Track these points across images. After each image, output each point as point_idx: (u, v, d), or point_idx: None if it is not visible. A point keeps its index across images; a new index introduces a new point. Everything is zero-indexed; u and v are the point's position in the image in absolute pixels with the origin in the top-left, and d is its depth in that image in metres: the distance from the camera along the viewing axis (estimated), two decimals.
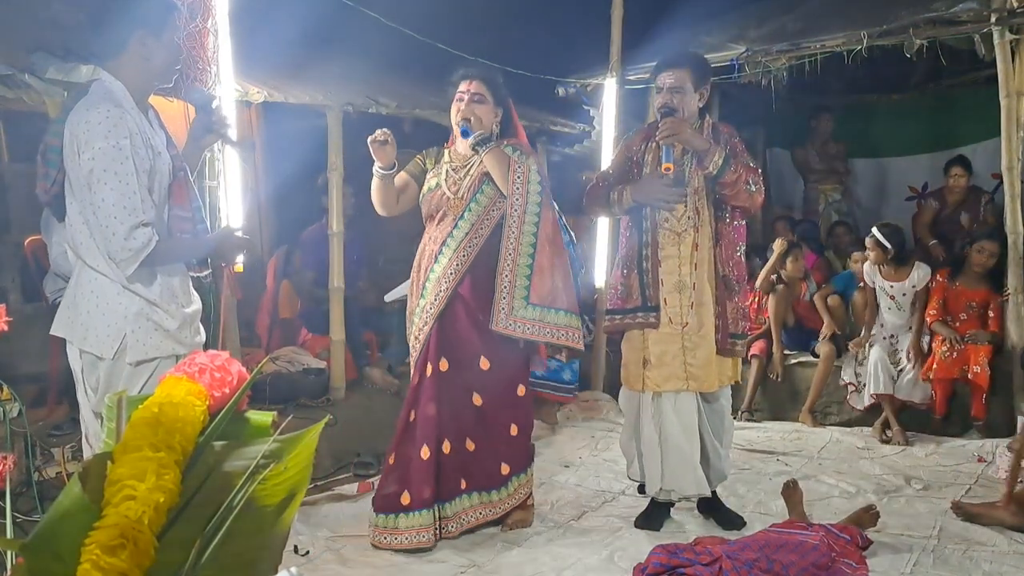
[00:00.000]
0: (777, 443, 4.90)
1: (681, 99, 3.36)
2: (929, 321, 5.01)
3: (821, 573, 2.77)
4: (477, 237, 3.34)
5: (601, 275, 5.70)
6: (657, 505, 3.54)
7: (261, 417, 1.36)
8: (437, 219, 3.41)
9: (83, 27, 2.58)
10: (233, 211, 3.95)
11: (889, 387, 4.98)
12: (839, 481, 4.07)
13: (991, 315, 4.92)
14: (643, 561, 2.77)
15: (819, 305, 5.55)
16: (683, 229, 3.41)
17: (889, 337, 5.19)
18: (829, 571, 2.80)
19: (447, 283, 3.33)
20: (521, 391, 3.47)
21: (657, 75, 3.44)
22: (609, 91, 5.67)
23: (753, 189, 3.35)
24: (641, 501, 3.70)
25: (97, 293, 2.35)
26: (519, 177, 3.29)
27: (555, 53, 5.86)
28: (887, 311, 5.22)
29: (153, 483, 1.13)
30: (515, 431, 3.45)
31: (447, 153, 3.49)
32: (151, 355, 2.37)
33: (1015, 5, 4.58)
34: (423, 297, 3.39)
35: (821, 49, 5.10)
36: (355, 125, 5.13)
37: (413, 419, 3.37)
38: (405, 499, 3.30)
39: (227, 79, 3.83)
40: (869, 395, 5.06)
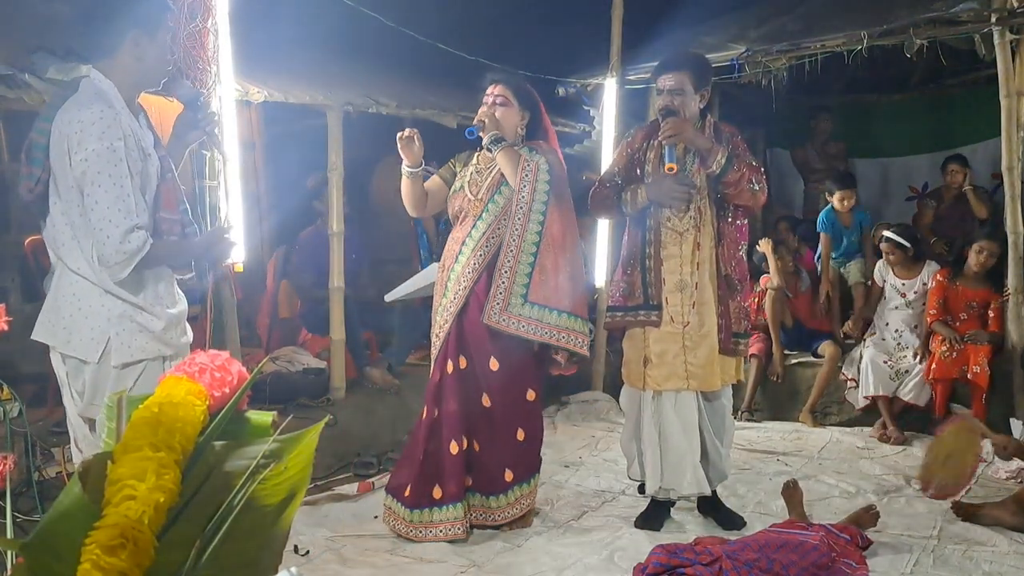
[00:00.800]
0: (777, 443, 4.90)
1: (682, 101, 3.36)
2: (929, 321, 5.02)
3: (821, 573, 2.77)
4: (495, 237, 3.39)
5: (601, 275, 5.71)
6: (657, 505, 3.54)
7: (261, 417, 1.36)
8: (460, 219, 3.50)
9: (77, 25, 2.55)
10: (233, 211, 3.95)
11: (881, 388, 4.98)
12: (839, 481, 4.07)
13: (991, 315, 4.92)
14: (643, 561, 2.77)
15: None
16: (685, 228, 3.41)
17: (895, 334, 5.19)
18: (829, 571, 2.80)
19: (465, 281, 3.40)
20: (531, 396, 3.46)
21: (657, 77, 3.44)
22: (609, 91, 5.67)
23: (756, 188, 3.35)
24: (641, 501, 3.70)
25: (79, 296, 2.29)
26: (527, 175, 3.32)
27: (555, 53, 5.86)
28: (895, 310, 5.23)
29: (153, 483, 1.13)
30: (522, 436, 3.45)
31: (476, 157, 3.54)
32: (137, 357, 2.31)
33: (1015, 5, 4.57)
34: (444, 295, 3.46)
35: (821, 49, 5.10)
36: (355, 125, 5.14)
37: (437, 415, 3.43)
38: (437, 493, 3.39)
39: (227, 79, 3.83)
40: (863, 397, 5.08)
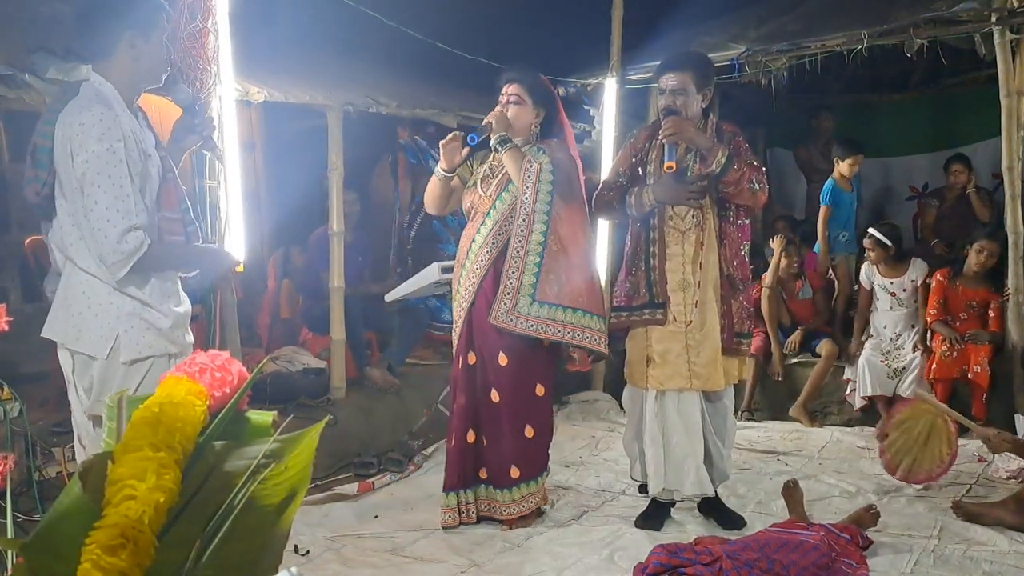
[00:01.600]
0: (777, 443, 4.90)
1: (684, 101, 3.36)
2: (929, 321, 5.02)
3: (821, 573, 2.77)
4: (501, 234, 3.44)
5: (601, 275, 5.70)
6: (658, 505, 3.54)
7: (261, 417, 1.35)
8: (472, 216, 3.57)
9: (73, 26, 2.58)
10: (233, 211, 3.94)
11: (879, 388, 4.99)
12: (839, 481, 4.07)
13: (991, 315, 4.91)
14: (644, 561, 2.77)
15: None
16: (688, 227, 3.42)
17: (892, 338, 5.19)
18: (829, 571, 2.80)
19: (474, 277, 3.47)
20: (540, 391, 3.50)
21: (660, 76, 3.44)
22: (609, 91, 5.67)
23: (757, 187, 3.35)
24: (641, 501, 3.70)
25: (88, 294, 2.34)
26: (529, 175, 3.34)
27: (555, 53, 5.85)
28: (888, 310, 5.23)
29: (153, 483, 1.13)
30: (531, 433, 3.48)
31: (492, 155, 3.57)
32: (145, 354, 2.37)
33: (1015, 5, 4.57)
34: (458, 291, 3.56)
35: (821, 49, 5.09)
36: (355, 125, 5.13)
37: (454, 408, 3.59)
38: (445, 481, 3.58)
39: (227, 79, 3.83)
40: (860, 397, 5.09)
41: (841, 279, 5.75)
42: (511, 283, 3.35)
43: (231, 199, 3.92)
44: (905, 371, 5.00)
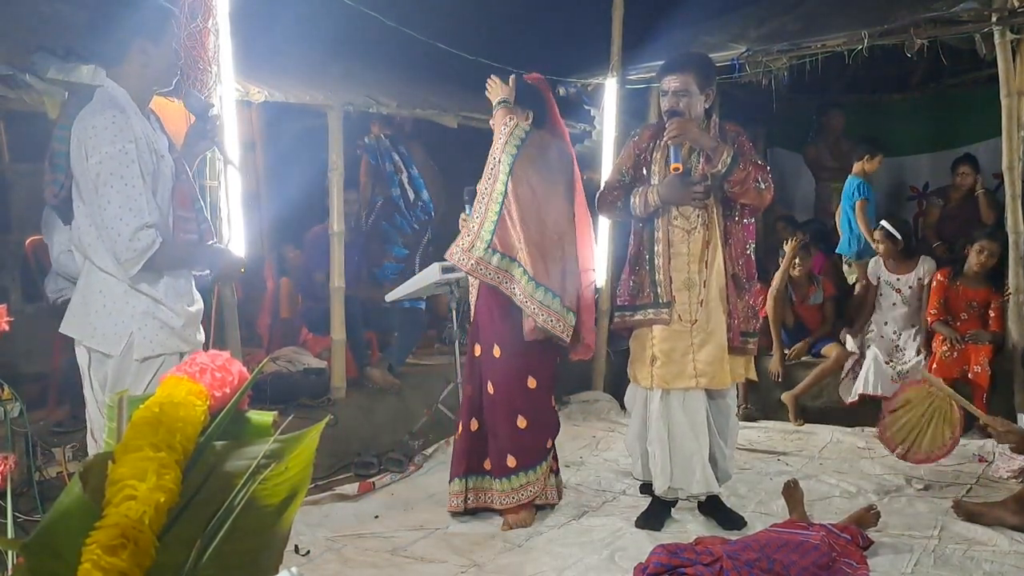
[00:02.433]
0: (778, 443, 4.90)
1: (687, 102, 3.36)
2: (930, 321, 5.02)
3: (822, 573, 2.76)
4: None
5: (601, 275, 5.69)
6: (658, 504, 3.54)
7: (262, 417, 1.35)
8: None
9: (84, 33, 2.65)
10: (233, 211, 3.95)
11: (880, 389, 4.98)
12: (840, 481, 4.07)
13: (992, 315, 4.92)
14: (644, 561, 2.77)
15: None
16: (693, 227, 3.42)
17: (892, 335, 5.18)
18: (830, 571, 2.79)
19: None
20: (532, 384, 3.56)
21: (662, 78, 3.44)
22: (610, 91, 5.67)
23: (762, 187, 3.36)
24: (642, 501, 3.70)
25: (105, 293, 2.42)
26: (504, 128, 3.47)
27: (556, 53, 5.86)
28: (892, 307, 5.23)
29: (154, 483, 1.13)
30: (523, 424, 3.54)
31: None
32: (157, 352, 2.45)
33: (1016, 5, 4.57)
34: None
35: (822, 49, 5.10)
36: (355, 125, 5.13)
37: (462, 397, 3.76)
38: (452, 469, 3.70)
39: (228, 79, 3.83)
40: (857, 391, 5.08)
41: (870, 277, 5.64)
42: (472, 226, 3.46)
43: (232, 199, 3.93)
44: (908, 374, 5.00)
